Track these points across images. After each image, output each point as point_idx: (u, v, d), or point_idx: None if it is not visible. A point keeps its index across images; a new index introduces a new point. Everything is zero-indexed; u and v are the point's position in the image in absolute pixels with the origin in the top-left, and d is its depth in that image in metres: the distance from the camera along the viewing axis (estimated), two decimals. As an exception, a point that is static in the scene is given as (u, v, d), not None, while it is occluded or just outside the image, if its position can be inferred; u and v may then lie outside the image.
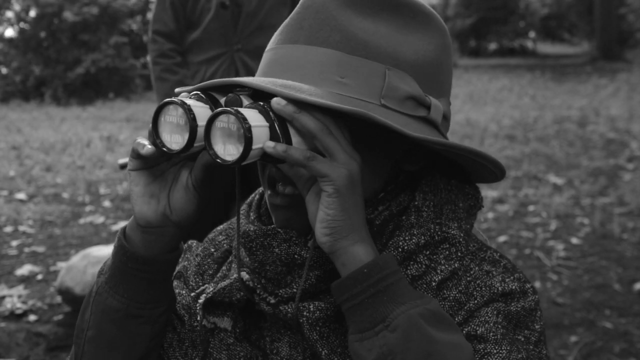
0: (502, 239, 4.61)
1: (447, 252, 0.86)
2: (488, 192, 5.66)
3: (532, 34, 25.65)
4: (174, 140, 0.78)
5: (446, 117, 0.89)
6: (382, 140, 0.85)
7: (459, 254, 0.86)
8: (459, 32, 22.64)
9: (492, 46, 24.97)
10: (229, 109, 0.74)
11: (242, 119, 0.73)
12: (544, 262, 4.16)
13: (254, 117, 0.75)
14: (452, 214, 0.89)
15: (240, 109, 0.75)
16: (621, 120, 9.43)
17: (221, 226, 1.07)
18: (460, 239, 0.87)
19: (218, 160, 0.76)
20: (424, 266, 0.86)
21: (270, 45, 0.89)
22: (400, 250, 0.86)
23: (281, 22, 0.91)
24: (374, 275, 0.77)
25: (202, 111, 0.77)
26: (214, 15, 2.85)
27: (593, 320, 3.36)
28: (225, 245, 1.03)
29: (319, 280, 0.86)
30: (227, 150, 0.75)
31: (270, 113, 0.76)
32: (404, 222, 0.88)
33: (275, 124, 0.76)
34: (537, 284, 3.81)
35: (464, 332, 0.83)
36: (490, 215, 5.16)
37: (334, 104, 0.76)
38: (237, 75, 2.85)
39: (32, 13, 14.96)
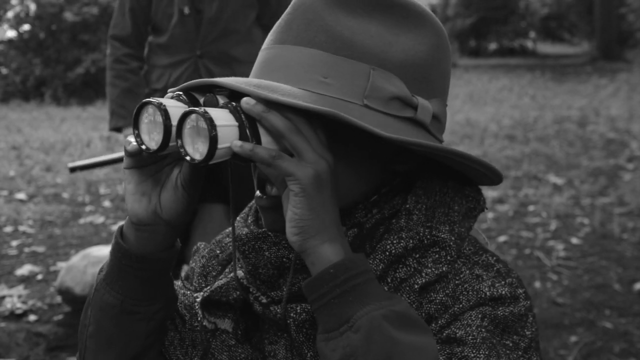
0: (502, 239, 4.61)
1: (437, 256, 0.85)
2: (488, 192, 5.66)
3: (532, 34, 25.64)
4: (152, 139, 0.80)
5: (438, 118, 0.89)
6: (366, 140, 0.84)
7: (449, 257, 0.85)
8: (459, 32, 22.62)
9: (492, 46, 24.95)
10: (197, 108, 0.76)
11: (209, 119, 0.74)
12: (544, 262, 4.16)
13: (223, 117, 0.76)
14: (445, 217, 0.88)
15: (210, 109, 0.76)
16: (621, 120, 9.44)
17: (229, 229, 1.08)
18: (451, 243, 0.86)
19: (187, 158, 0.77)
20: (412, 269, 0.85)
21: (263, 45, 0.90)
22: (387, 253, 0.86)
23: (246, 27, 0.92)
24: (340, 275, 0.77)
25: (177, 111, 0.78)
26: (177, 21, 2.85)
27: (593, 320, 3.36)
28: (230, 247, 1.03)
29: None
30: (196, 149, 0.77)
31: (241, 113, 0.78)
32: (394, 225, 0.87)
33: (245, 124, 0.77)
34: (537, 284, 3.81)
35: (444, 334, 0.82)
36: (490, 215, 5.17)
37: (301, 102, 0.76)
38: None
39: (32, 13, 14.97)
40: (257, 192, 0.89)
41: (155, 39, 2.96)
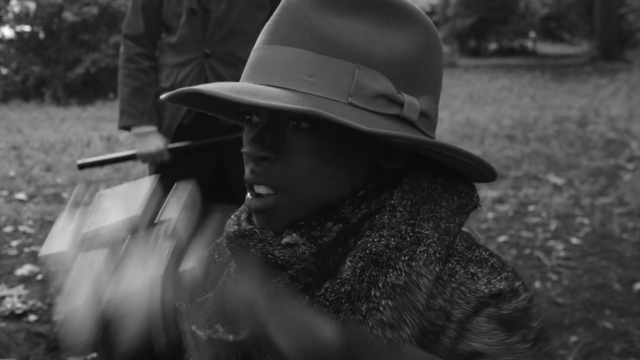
0: (502, 239, 4.61)
1: (425, 255, 0.84)
2: (488, 192, 5.66)
3: (532, 34, 25.66)
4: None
5: (426, 115, 0.89)
6: (349, 137, 0.85)
7: (437, 255, 0.84)
8: (459, 32, 22.64)
9: (492, 46, 24.97)
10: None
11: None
12: (544, 262, 4.16)
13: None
14: (430, 214, 0.87)
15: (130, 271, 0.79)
16: (621, 120, 9.44)
17: None
18: (435, 239, 0.85)
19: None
20: (403, 274, 0.84)
21: (254, 46, 0.91)
22: (367, 251, 0.85)
23: (255, 27, 0.93)
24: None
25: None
26: (185, 20, 2.84)
27: (593, 320, 3.36)
28: (227, 250, 1.04)
29: (292, 279, 0.86)
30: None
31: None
32: (377, 221, 0.87)
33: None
34: (537, 284, 3.81)
35: (459, 348, 0.82)
36: (490, 215, 5.17)
37: (280, 104, 0.77)
38: (207, 81, 2.82)
39: (32, 13, 14.97)
40: (248, 195, 0.89)
41: (166, 38, 2.95)
